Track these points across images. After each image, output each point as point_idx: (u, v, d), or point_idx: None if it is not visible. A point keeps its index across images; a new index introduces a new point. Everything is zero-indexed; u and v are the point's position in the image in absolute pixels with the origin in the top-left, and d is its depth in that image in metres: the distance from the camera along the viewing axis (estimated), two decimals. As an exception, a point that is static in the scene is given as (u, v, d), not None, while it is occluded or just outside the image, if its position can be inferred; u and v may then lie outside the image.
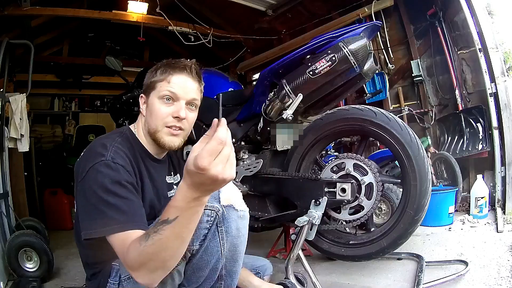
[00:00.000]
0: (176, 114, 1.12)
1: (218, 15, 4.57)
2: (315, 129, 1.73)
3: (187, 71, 1.16)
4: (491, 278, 1.56)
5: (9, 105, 2.39)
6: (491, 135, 2.62)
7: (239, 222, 1.06)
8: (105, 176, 0.98)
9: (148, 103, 1.18)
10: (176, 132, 1.15)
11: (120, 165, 1.02)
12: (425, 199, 1.50)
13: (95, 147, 1.06)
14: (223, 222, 1.03)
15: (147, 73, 1.22)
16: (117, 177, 1.00)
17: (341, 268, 1.89)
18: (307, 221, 1.50)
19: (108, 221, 0.94)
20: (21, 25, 3.71)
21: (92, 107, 6.22)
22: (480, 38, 2.59)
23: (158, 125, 1.14)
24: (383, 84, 3.48)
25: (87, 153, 1.07)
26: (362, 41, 1.52)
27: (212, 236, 1.02)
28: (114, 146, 1.06)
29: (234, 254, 1.08)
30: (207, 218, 1.00)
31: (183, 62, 1.17)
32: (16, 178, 2.94)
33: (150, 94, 1.17)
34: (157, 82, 1.15)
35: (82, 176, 1.01)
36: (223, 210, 1.02)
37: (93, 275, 1.12)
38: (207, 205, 1.00)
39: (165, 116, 1.13)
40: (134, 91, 2.47)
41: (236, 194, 1.08)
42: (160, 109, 1.13)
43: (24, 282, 1.95)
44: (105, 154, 1.02)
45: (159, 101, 1.14)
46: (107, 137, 1.13)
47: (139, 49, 5.92)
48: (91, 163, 1.01)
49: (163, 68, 1.17)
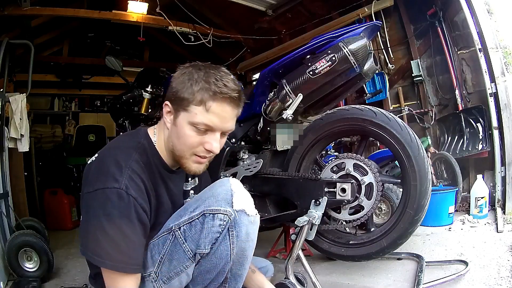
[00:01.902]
0: (209, 147, 1.02)
1: (218, 15, 4.57)
2: (315, 129, 1.73)
3: (231, 100, 1.00)
4: (491, 278, 1.56)
5: (9, 105, 2.39)
6: (491, 135, 2.62)
7: (249, 227, 1.03)
8: (115, 207, 0.92)
9: (177, 123, 1.02)
10: (203, 160, 1.06)
11: (133, 197, 0.95)
12: (425, 199, 1.50)
13: (109, 164, 0.97)
14: (235, 227, 1.00)
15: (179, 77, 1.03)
16: (127, 212, 0.94)
17: (341, 268, 1.89)
18: (307, 221, 1.49)
19: (102, 253, 0.92)
20: (21, 25, 3.72)
21: (92, 107, 6.22)
22: (480, 38, 2.59)
23: (185, 152, 1.03)
24: (383, 84, 3.48)
25: (99, 167, 0.99)
26: (362, 41, 1.52)
27: (222, 239, 1.00)
28: (130, 168, 0.97)
29: (241, 258, 1.07)
30: (220, 222, 0.99)
31: (227, 87, 0.99)
32: (16, 178, 2.95)
33: (180, 113, 1.01)
34: (191, 103, 0.98)
35: (88, 189, 0.96)
36: (235, 214, 1.00)
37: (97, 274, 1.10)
38: (220, 209, 0.99)
39: (195, 146, 1.02)
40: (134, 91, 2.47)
41: (248, 199, 1.06)
42: (190, 137, 1.01)
43: (24, 282, 1.95)
44: (119, 180, 0.94)
45: (190, 127, 1.00)
46: (121, 151, 1.02)
47: (139, 49, 5.92)
48: (102, 184, 0.94)
49: (202, 85, 0.98)
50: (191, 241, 1.01)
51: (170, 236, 1.03)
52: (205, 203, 1.02)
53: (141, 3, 3.95)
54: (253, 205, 1.07)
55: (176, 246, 1.03)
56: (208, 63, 1.05)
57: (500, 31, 2.59)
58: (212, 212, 0.99)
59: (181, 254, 1.02)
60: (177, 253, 1.03)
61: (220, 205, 1.00)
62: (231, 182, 1.06)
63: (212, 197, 1.02)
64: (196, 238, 1.01)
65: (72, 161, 4.71)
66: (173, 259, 1.03)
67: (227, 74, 1.02)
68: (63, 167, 4.68)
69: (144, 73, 2.62)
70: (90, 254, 0.95)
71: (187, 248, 1.02)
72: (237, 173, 1.88)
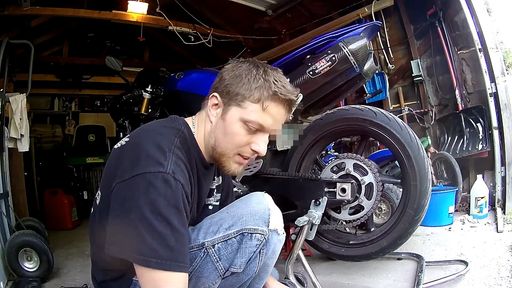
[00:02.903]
0: (257, 148, 0.96)
1: (218, 15, 4.57)
2: (315, 129, 1.73)
3: (288, 103, 0.96)
4: (491, 278, 1.56)
5: (9, 105, 2.39)
6: (491, 135, 2.62)
7: (277, 245, 1.03)
8: (160, 195, 0.80)
9: (226, 118, 0.95)
10: (245, 161, 1.00)
11: (181, 183, 0.84)
12: (425, 199, 1.50)
13: (149, 147, 0.86)
14: (266, 245, 0.99)
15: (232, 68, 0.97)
16: (175, 200, 0.83)
17: (341, 268, 1.89)
18: (307, 221, 1.49)
19: (146, 250, 0.79)
20: (21, 25, 3.71)
21: (92, 107, 6.22)
22: (480, 38, 2.59)
23: (229, 149, 0.97)
24: (383, 84, 3.48)
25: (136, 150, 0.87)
26: (362, 41, 1.52)
27: (254, 259, 0.98)
28: (174, 153, 0.87)
29: (263, 272, 1.06)
30: (257, 242, 0.96)
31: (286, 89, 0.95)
32: (16, 178, 2.95)
33: (232, 107, 0.95)
34: (247, 98, 0.93)
35: (123, 178, 0.84)
36: (269, 234, 0.98)
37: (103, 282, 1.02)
38: (258, 229, 0.95)
39: (243, 145, 0.96)
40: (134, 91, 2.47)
41: (281, 217, 1.03)
42: (239, 135, 0.95)
43: (24, 282, 1.95)
44: (164, 164, 0.83)
45: (241, 124, 0.94)
46: (162, 136, 0.91)
47: (139, 49, 5.91)
48: (143, 168, 0.82)
49: (261, 82, 0.93)
50: (226, 260, 0.96)
51: (201, 252, 0.97)
52: (242, 220, 0.96)
53: (141, 3, 3.95)
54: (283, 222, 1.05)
55: (207, 264, 0.97)
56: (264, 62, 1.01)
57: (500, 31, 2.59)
58: (250, 231, 0.95)
59: (212, 272, 0.97)
60: (208, 271, 0.97)
61: (258, 225, 0.96)
62: (267, 200, 1.02)
63: (250, 215, 0.97)
64: (231, 257, 0.96)
65: (72, 161, 4.70)
66: (202, 277, 0.97)
67: (284, 77, 0.98)
68: (63, 167, 4.68)
69: (144, 73, 2.61)
70: (128, 253, 0.81)
71: (220, 266, 0.97)
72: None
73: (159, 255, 0.79)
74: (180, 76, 2.28)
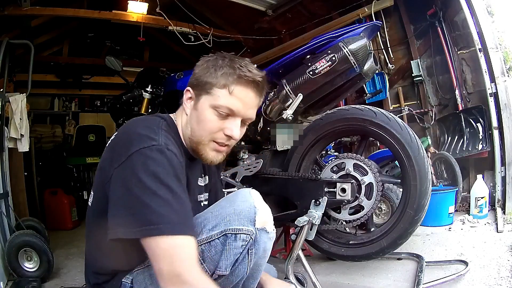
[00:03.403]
0: (229, 132, 0.98)
1: (218, 15, 4.57)
2: (315, 129, 1.73)
3: (255, 85, 0.98)
4: (491, 278, 1.56)
5: (9, 105, 2.39)
6: (491, 135, 2.62)
7: (267, 243, 1.00)
8: (159, 164, 0.83)
9: (198, 107, 0.99)
10: (222, 148, 1.01)
11: (174, 153, 0.88)
12: (425, 199, 1.50)
13: (137, 127, 0.90)
14: (254, 245, 0.96)
15: (203, 64, 1.01)
16: (173, 168, 0.85)
17: (341, 268, 1.89)
18: (307, 221, 1.49)
19: (155, 218, 0.79)
20: (21, 25, 3.71)
21: (92, 107, 6.21)
22: (480, 38, 2.59)
23: (204, 137, 0.99)
24: (383, 84, 3.48)
25: (127, 135, 0.91)
26: (362, 41, 1.52)
27: (242, 259, 0.95)
28: (162, 130, 0.92)
29: (255, 272, 1.04)
30: (242, 242, 0.93)
31: (251, 72, 0.98)
32: (16, 178, 2.95)
33: (202, 97, 0.98)
34: (214, 86, 0.96)
35: (120, 161, 0.85)
36: (257, 233, 0.95)
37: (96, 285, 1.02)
38: (243, 228, 0.93)
39: (215, 131, 0.98)
40: (134, 91, 2.47)
41: (269, 214, 1.01)
42: (211, 121, 0.97)
43: (24, 282, 1.95)
44: (156, 138, 0.87)
45: (212, 111, 0.97)
46: (148, 120, 0.97)
47: (139, 49, 5.92)
48: (137, 146, 0.84)
49: (226, 69, 0.97)
50: (210, 262, 0.94)
51: None
52: (225, 220, 0.95)
53: (141, 3, 3.95)
54: (272, 219, 1.03)
55: None
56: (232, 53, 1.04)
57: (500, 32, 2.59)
58: (234, 232, 0.93)
59: None
60: None
61: (243, 224, 0.94)
62: (253, 197, 1.00)
63: (234, 214, 0.95)
64: (216, 259, 0.94)
65: (72, 161, 4.70)
66: None
67: (251, 64, 1.01)
68: (63, 167, 4.68)
69: (144, 73, 2.62)
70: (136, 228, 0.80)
71: (205, 268, 0.94)
72: (237, 173, 1.88)
73: (170, 220, 0.80)
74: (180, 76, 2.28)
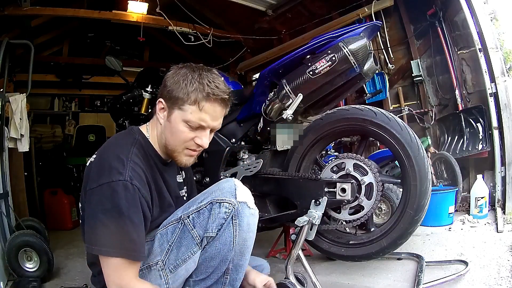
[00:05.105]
0: (200, 142, 1.12)
1: (218, 15, 4.57)
2: (315, 129, 1.73)
3: (222, 101, 1.10)
4: (491, 278, 1.56)
5: (9, 105, 2.39)
6: (491, 135, 2.62)
7: (250, 218, 1.10)
8: (122, 198, 0.98)
9: (171, 120, 1.11)
10: (194, 153, 1.17)
11: (137, 188, 1.01)
12: (425, 199, 1.50)
13: (110, 159, 1.03)
14: (237, 216, 1.07)
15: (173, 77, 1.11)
16: (134, 201, 1.00)
17: (341, 268, 1.89)
18: (307, 221, 1.49)
19: (114, 243, 0.96)
20: (21, 25, 3.71)
21: (92, 107, 6.22)
22: (480, 38, 2.59)
23: (178, 146, 1.13)
24: (383, 84, 3.48)
25: (101, 164, 1.04)
26: (362, 41, 1.52)
27: (227, 226, 1.07)
28: (131, 162, 1.04)
29: (243, 247, 1.11)
30: (225, 209, 1.06)
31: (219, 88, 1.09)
32: (16, 178, 2.94)
33: (175, 111, 1.10)
34: (185, 102, 1.07)
35: (92, 186, 1.01)
36: (238, 205, 1.08)
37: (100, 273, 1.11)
38: (226, 199, 1.07)
39: (187, 141, 1.12)
40: (134, 91, 2.47)
41: (249, 194, 1.14)
42: (183, 133, 1.10)
43: (24, 282, 1.95)
44: (123, 173, 1.00)
45: (184, 124, 1.09)
46: (121, 147, 1.08)
47: (139, 49, 5.92)
48: (107, 179, 0.99)
49: (196, 86, 1.07)
50: (199, 227, 1.08)
51: (179, 224, 1.10)
52: (212, 195, 1.10)
53: (141, 3, 3.95)
54: (253, 201, 1.15)
55: (185, 233, 1.09)
56: (201, 65, 1.15)
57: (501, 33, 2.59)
58: (219, 201, 1.08)
59: (190, 241, 1.09)
60: (186, 239, 1.09)
61: (226, 196, 1.08)
62: (234, 180, 1.15)
63: (218, 190, 1.11)
64: (204, 224, 1.08)
65: (72, 161, 4.71)
66: (181, 246, 1.09)
67: (218, 77, 1.12)
68: (63, 167, 4.68)
69: (144, 73, 2.61)
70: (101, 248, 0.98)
71: (195, 233, 1.08)
72: (237, 173, 1.88)
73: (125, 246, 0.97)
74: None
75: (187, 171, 1.40)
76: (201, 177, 2.00)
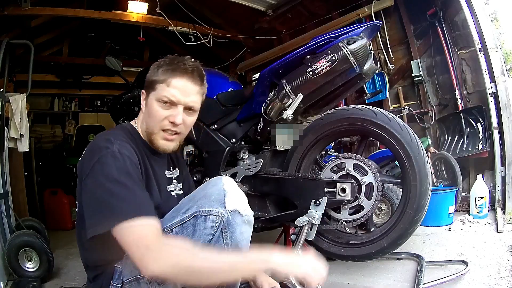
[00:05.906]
0: (172, 119, 1.11)
1: (218, 15, 4.57)
2: (315, 129, 1.73)
3: (188, 74, 1.12)
4: (491, 278, 1.56)
5: (9, 105, 2.39)
6: (491, 135, 2.62)
7: (243, 226, 1.04)
8: (112, 167, 0.96)
9: (148, 103, 1.15)
10: (171, 137, 1.15)
11: (127, 156, 1.00)
12: (425, 199, 1.50)
13: (99, 141, 1.04)
14: (228, 227, 1.01)
15: (151, 67, 1.18)
16: (124, 167, 0.98)
17: (341, 268, 1.89)
18: (307, 221, 1.49)
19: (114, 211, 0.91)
20: (21, 25, 3.72)
21: (92, 107, 6.22)
22: (480, 38, 2.59)
23: (154, 127, 1.13)
24: (383, 84, 3.48)
25: (90, 149, 1.05)
26: (362, 41, 1.52)
27: (216, 241, 1.00)
28: (119, 139, 1.04)
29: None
30: (212, 224, 0.99)
31: (185, 64, 1.13)
32: (16, 178, 2.95)
33: (150, 94, 1.14)
34: (157, 82, 1.12)
35: (86, 174, 0.98)
36: (228, 215, 1.00)
37: (95, 277, 1.10)
38: (212, 210, 0.99)
39: (161, 120, 1.12)
40: (134, 91, 2.46)
41: (241, 198, 1.07)
42: (157, 112, 1.11)
43: (24, 282, 1.95)
44: (110, 146, 1.00)
45: (157, 103, 1.12)
46: (109, 133, 1.11)
47: (139, 49, 5.92)
48: (97, 156, 0.98)
49: (165, 67, 1.13)
50: None
51: None
52: (197, 204, 1.02)
53: (141, 3, 3.95)
54: (247, 203, 1.08)
55: None
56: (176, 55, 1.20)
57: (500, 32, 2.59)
58: (204, 213, 1.00)
59: None
60: None
61: (212, 206, 1.00)
62: (223, 182, 1.07)
63: (205, 197, 1.03)
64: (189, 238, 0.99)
65: (72, 161, 4.69)
66: None
67: (189, 59, 1.17)
68: (63, 167, 4.68)
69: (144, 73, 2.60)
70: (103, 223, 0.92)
71: None
72: (237, 173, 1.88)
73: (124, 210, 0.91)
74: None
75: (183, 169, 1.37)
76: (201, 177, 2.00)
